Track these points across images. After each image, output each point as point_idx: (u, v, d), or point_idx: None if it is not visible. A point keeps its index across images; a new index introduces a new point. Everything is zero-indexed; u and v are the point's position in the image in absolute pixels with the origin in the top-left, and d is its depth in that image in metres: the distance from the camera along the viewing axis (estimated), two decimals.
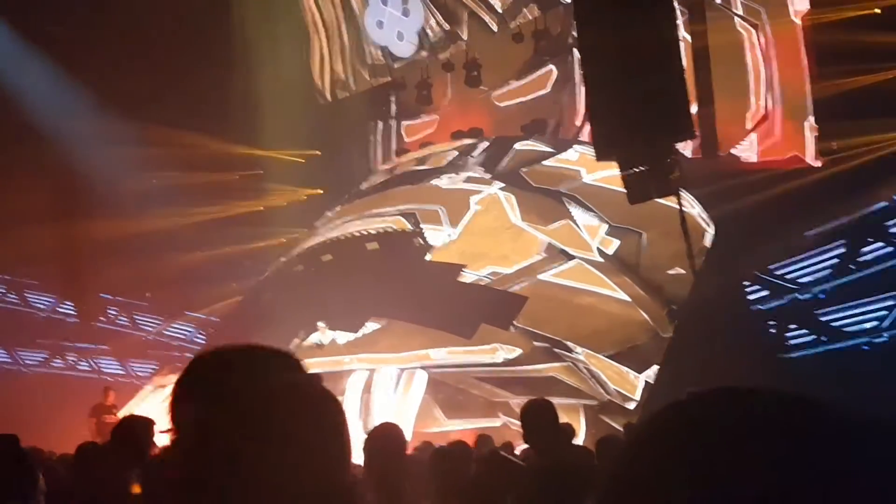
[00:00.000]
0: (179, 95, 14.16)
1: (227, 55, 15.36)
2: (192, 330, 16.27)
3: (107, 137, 14.25)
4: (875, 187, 10.91)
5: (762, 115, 12.54)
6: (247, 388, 1.02)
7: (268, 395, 1.00)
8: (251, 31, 15.89)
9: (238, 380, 1.04)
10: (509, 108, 16.43)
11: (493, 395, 10.46)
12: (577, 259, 12.09)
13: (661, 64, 8.91)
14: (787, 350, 11.04)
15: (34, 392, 13.27)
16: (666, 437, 0.59)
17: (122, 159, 14.49)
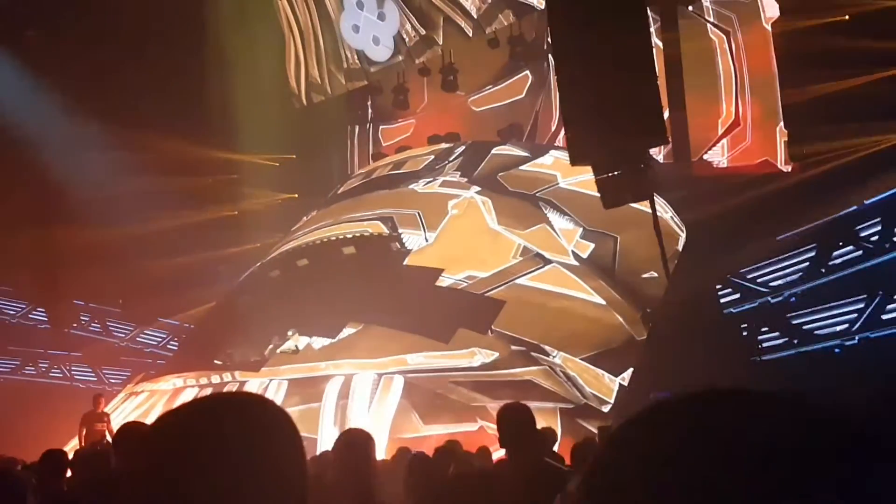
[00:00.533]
0: (154, 100, 14.05)
1: (202, 59, 15.25)
2: (165, 336, 16.12)
3: (79, 142, 14.10)
4: (845, 191, 11.09)
5: (733, 121, 12.72)
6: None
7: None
8: (226, 35, 15.78)
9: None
10: (485, 112, 16.50)
11: (470, 400, 10.47)
12: (553, 263, 12.16)
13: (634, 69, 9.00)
14: (759, 353, 11.18)
15: (5, 399, 13.08)
16: (636, 445, 0.59)
17: (95, 164, 14.33)
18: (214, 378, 12.38)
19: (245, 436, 0.96)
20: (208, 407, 1.06)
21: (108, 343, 15.67)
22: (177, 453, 0.94)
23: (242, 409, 1.03)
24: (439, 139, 16.66)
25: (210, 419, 0.99)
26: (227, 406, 1.06)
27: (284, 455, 0.99)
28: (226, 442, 0.95)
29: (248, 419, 1.00)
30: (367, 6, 17.07)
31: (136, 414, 12.47)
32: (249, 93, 15.67)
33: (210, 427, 0.97)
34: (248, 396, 1.12)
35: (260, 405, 1.05)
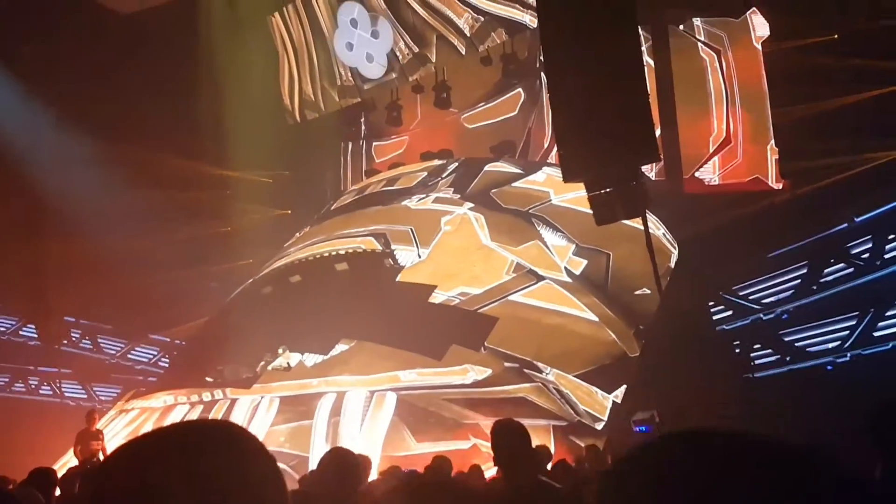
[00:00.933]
0: (147, 115, 14.05)
1: (195, 75, 15.28)
2: (156, 353, 16.04)
3: (72, 156, 14.07)
4: (835, 209, 11.16)
5: (724, 139, 12.81)
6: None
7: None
8: (219, 52, 15.84)
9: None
10: (478, 129, 16.57)
11: (463, 417, 10.42)
12: (546, 279, 12.17)
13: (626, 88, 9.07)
14: (752, 370, 11.19)
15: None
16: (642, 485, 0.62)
17: (87, 179, 14.29)
18: (205, 395, 12.29)
19: (218, 465, 0.92)
20: (175, 436, 1.00)
21: (98, 359, 15.57)
22: (141, 487, 0.90)
23: (213, 436, 0.99)
24: (432, 156, 16.71)
25: (180, 447, 0.95)
26: (197, 434, 1.00)
27: (260, 484, 0.95)
28: (196, 472, 0.91)
29: (220, 447, 0.96)
30: (360, 24, 17.17)
31: (127, 432, 12.36)
32: (243, 109, 15.69)
33: (180, 455, 0.93)
34: (218, 423, 1.06)
35: (230, 432, 1.00)
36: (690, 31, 13.02)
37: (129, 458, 0.95)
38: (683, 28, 13.02)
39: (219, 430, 1.01)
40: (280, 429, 11.20)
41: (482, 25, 15.99)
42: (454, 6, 16.19)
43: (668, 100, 11.37)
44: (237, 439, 0.99)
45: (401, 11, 16.80)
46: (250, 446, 0.99)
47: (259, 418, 11.44)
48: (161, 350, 15.99)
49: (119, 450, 0.97)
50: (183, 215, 15.52)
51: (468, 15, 16.09)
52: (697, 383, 9.40)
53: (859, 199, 10.95)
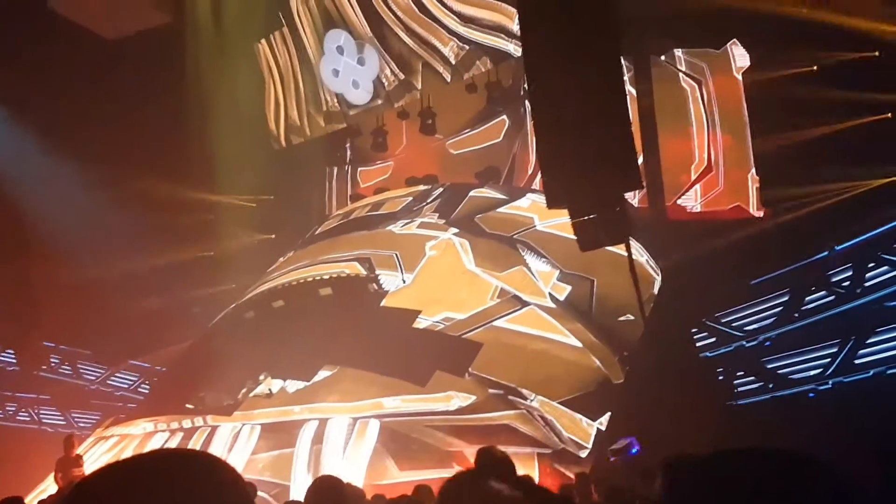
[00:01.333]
0: (132, 139, 14.03)
1: (182, 100, 15.30)
2: (136, 379, 15.84)
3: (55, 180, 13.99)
4: (816, 237, 11.29)
5: (706, 167, 12.97)
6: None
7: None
8: (206, 77, 15.89)
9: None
10: (463, 155, 16.66)
11: (447, 445, 10.35)
12: (530, 305, 12.18)
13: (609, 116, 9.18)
14: (735, 397, 11.21)
15: None
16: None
17: (70, 202, 14.20)
18: (186, 422, 12.14)
19: (194, 494, 0.92)
20: (153, 463, 0.98)
21: (78, 385, 15.35)
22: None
23: (190, 465, 0.97)
24: (417, 181, 16.76)
25: (156, 475, 0.94)
26: (174, 462, 0.99)
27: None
28: (172, 500, 0.90)
29: (196, 476, 0.95)
30: (346, 51, 17.30)
31: (106, 459, 12.15)
32: (228, 134, 15.71)
33: (157, 483, 0.92)
34: (195, 453, 1.04)
35: (207, 462, 0.99)
36: (672, 61, 13.22)
37: (105, 482, 0.94)
38: (665, 58, 13.22)
39: (196, 459, 1.00)
40: (261, 457, 11.06)
41: (467, 54, 16.16)
42: (439, 35, 16.36)
43: (651, 128, 11.51)
44: (214, 470, 0.98)
45: (387, 39, 16.95)
46: (227, 477, 0.98)
47: (240, 446, 11.30)
48: (141, 376, 15.79)
49: (96, 474, 0.97)
50: (166, 239, 15.44)
51: (453, 43, 16.26)
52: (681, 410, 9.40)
53: (839, 227, 11.08)
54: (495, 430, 10.37)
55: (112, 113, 13.88)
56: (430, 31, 16.45)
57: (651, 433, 8.86)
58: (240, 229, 17.19)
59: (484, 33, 15.84)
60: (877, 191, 11.16)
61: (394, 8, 16.77)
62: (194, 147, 15.35)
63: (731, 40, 12.63)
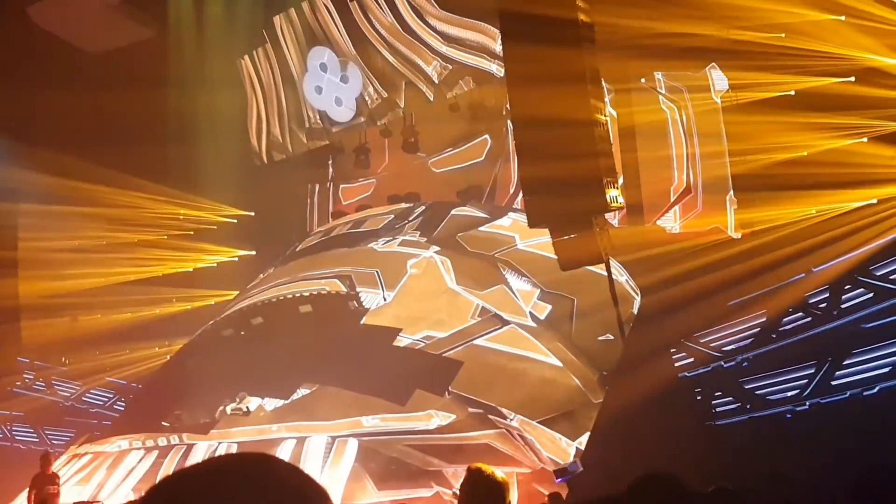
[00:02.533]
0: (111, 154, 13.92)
1: (162, 113, 15.24)
2: (111, 396, 15.63)
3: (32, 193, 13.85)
4: (793, 259, 11.40)
5: (685, 188, 13.09)
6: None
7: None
8: (187, 92, 15.85)
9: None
10: (445, 174, 16.71)
11: (426, 464, 10.29)
12: (511, 324, 12.18)
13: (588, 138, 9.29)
14: (713, 417, 11.24)
15: None
16: None
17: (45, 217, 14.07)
18: (161, 440, 11.99)
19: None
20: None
21: (52, 402, 15.12)
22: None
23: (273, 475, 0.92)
24: (399, 199, 16.78)
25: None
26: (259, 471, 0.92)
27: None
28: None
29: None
30: (330, 68, 17.35)
31: (79, 478, 11.97)
32: (209, 149, 15.66)
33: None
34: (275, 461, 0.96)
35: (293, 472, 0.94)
36: (652, 84, 13.38)
37: (192, 484, 0.90)
38: (645, 81, 13.38)
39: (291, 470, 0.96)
40: None
41: (450, 73, 16.26)
42: (423, 54, 16.46)
43: (631, 150, 11.62)
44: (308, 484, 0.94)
45: (371, 57, 17.03)
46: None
47: None
48: (116, 393, 15.59)
49: (181, 474, 0.92)
50: (145, 255, 15.32)
51: (437, 63, 16.36)
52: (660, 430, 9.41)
53: (816, 249, 11.20)
54: (475, 449, 10.33)
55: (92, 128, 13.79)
56: (414, 51, 16.55)
57: (630, 453, 8.85)
58: (219, 246, 17.09)
59: (467, 53, 15.95)
60: (854, 213, 11.31)
61: (378, 27, 16.86)
62: (175, 162, 15.26)
63: (711, 64, 12.81)
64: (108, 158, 13.84)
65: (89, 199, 13.99)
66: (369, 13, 16.94)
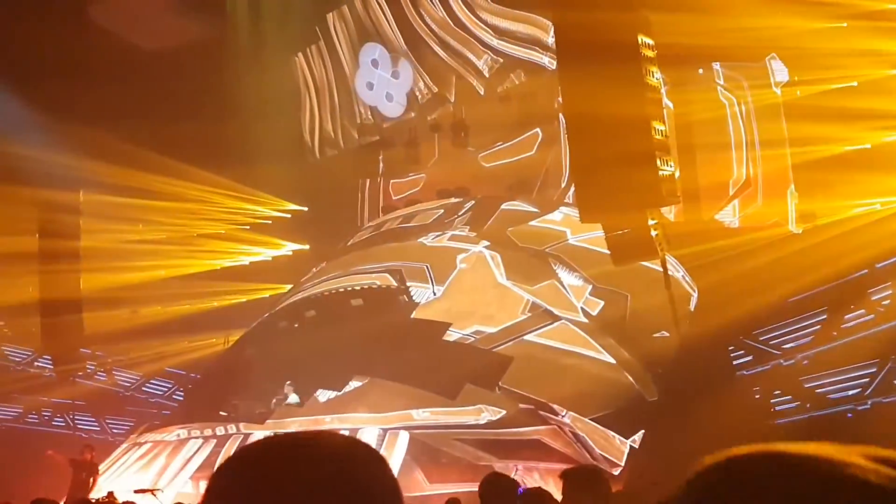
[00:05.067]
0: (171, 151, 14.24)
1: (220, 111, 15.53)
2: (170, 386, 16.01)
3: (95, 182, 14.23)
4: (856, 254, 11.05)
5: (744, 182, 12.77)
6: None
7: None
8: (243, 89, 16.14)
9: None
10: (495, 168, 16.64)
11: (476, 459, 10.27)
12: (562, 320, 12.07)
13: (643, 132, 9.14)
14: (772, 416, 10.98)
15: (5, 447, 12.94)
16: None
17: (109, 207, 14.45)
18: (219, 429, 12.24)
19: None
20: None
21: (113, 392, 15.56)
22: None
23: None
24: (449, 193, 16.77)
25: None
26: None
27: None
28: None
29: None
30: (381, 64, 17.45)
31: (139, 466, 12.30)
32: (264, 145, 15.92)
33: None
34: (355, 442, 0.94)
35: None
36: (710, 75, 13.08)
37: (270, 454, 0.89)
38: (703, 72, 13.09)
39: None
40: None
41: (501, 67, 16.18)
42: (474, 48, 16.42)
43: (688, 143, 11.39)
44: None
45: (421, 52, 17.06)
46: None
47: None
48: (175, 383, 15.97)
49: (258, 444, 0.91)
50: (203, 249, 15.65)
51: (488, 56, 16.30)
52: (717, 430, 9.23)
53: (880, 244, 10.84)
54: (525, 444, 10.28)
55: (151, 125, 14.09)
56: (465, 45, 16.52)
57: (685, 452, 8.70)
58: (274, 240, 17.38)
59: (518, 46, 15.85)
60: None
61: (429, 21, 16.88)
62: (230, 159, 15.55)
63: (771, 54, 12.47)
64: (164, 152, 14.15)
65: (150, 192, 14.35)
66: (421, 8, 16.98)
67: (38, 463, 11.70)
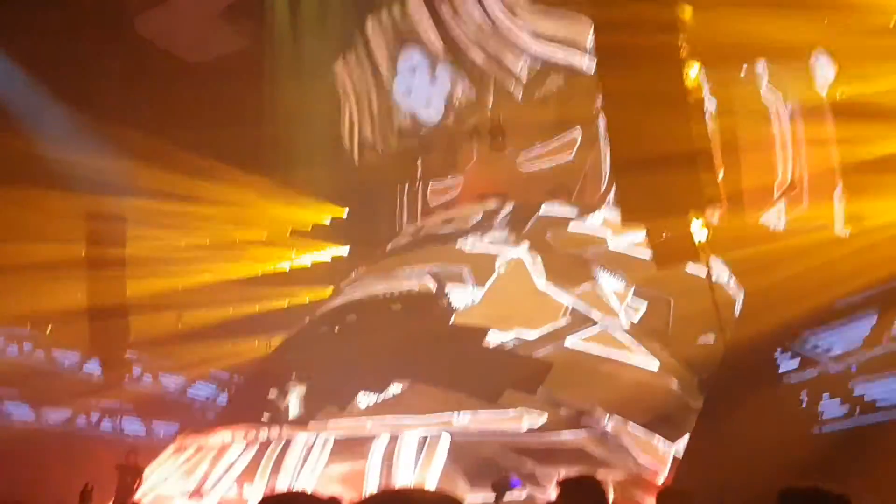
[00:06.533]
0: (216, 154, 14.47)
1: (261, 117, 15.78)
2: (214, 389, 16.26)
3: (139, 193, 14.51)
4: None
5: (789, 184, 12.50)
6: None
7: None
8: (284, 97, 16.37)
9: None
10: (534, 172, 16.58)
11: (518, 465, 10.21)
12: (603, 324, 11.96)
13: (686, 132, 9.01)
14: (819, 423, 10.72)
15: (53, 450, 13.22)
16: None
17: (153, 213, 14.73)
18: (262, 434, 12.37)
19: None
20: None
21: (159, 395, 15.83)
22: None
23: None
24: (487, 198, 16.77)
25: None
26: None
27: None
28: None
29: None
30: (420, 70, 17.53)
31: (184, 469, 12.49)
32: (304, 152, 16.12)
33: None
34: None
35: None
36: (752, 75, 12.84)
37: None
38: (746, 72, 12.86)
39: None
40: (334, 470, 11.17)
41: (539, 70, 16.13)
42: (512, 52, 16.39)
43: (731, 143, 11.20)
44: None
45: (459, 57, 17.09)
46: None
47: (313, 458, 11.45)
48: (219, 386, 16.21)
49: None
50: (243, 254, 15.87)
51: (526, 60, 16.26)
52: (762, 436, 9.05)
53: None
54: (568, 451, 10.18)
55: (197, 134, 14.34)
56: (503, 49, 16.50)
57: (731, 459, 8.56)
58: (314, 245, 17.57)
59: (557, 49, 15.78)
60: None
61: (467, 27, 16.90)
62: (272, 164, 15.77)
63: (816, 52, 12.19)
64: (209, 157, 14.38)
65: (194, 198, 14.60)
66: (459, 13, 17.01)
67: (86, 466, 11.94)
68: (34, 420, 14.58)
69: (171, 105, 14.50)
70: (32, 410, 14.59)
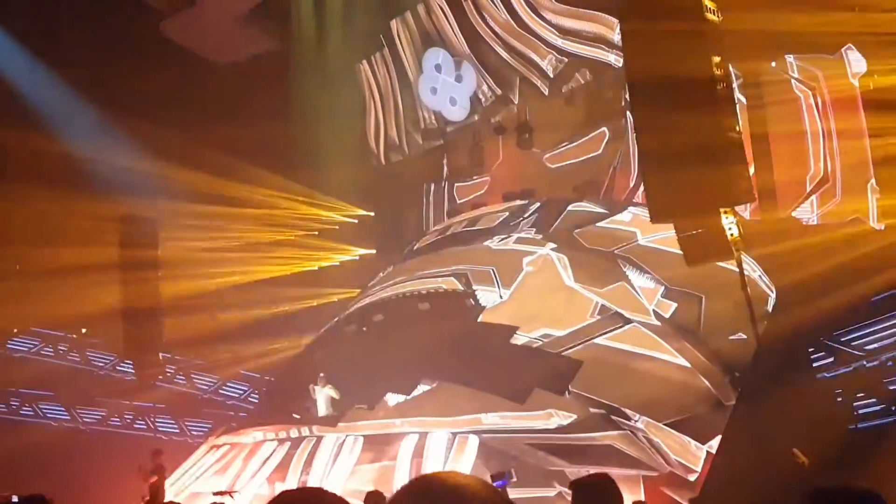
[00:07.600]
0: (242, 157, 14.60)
1: (288, 119, 15.87)
2: (246, 389, 16.42)
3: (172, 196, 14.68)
4: None
5: (822, 177, 12.28)
6: None
7: None
8: (310, 98, 16.45)
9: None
10: (561, 169, 16.48)
11: (547, 464, 10.16)
12: (633, 322, 11.83)
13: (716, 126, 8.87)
14: (855, 420, 10.52)
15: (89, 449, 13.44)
16: None
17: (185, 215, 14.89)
18: (293, 432, 12.47)
19: None
20: None
21: (191, 395, 16.03)
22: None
23: None
24: (514, 196, 16.71)
25: None
26: None
27: None
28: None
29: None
30: (444, 69, 17.52)
31: (217, 468, 12.63)
32: (331, 153, 16.19)
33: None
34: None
35: None
36: (783, 68, 12.63)
37: None
38: (776, 65, 12.66)
39: None
40: (364, 468, 11.22)
41: (566, 66, 16.02)
42: (537, 48, 16.30)
43: (762, 137, 11.03)
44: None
45: (484, 55, 17.05)
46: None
47: (344, 456, 11.51)
48: (251, 386, 16.36)
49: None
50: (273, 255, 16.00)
51: (552, 56, 16.16)
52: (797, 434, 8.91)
53: None
54: (597, 450, 10.10)
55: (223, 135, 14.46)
56: (528, 46, 16.42)
57: (764, 458, 8.44)
58: (342, 245, 17.66)
59: (583, 45, 15.67)
60: None
61: (491, 24, 16.85)
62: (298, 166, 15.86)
63: (847, 45, 11.97)
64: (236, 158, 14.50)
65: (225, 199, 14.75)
66: (483, 11, 16.97)
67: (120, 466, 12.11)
68: (69, 420, 14.83)
69: (201, 106, 14.65)
70: (67, 411, 14.85)
